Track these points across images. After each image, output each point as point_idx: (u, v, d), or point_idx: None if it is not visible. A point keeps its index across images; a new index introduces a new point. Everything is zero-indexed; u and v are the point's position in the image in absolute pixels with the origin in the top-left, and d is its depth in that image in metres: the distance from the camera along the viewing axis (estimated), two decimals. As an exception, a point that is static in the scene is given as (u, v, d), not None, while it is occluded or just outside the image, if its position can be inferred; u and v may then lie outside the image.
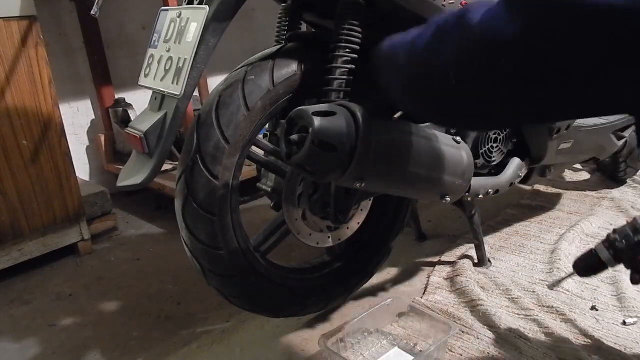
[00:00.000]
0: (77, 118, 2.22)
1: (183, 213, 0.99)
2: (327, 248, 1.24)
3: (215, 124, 0.96)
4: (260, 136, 1.08)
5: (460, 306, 1.26)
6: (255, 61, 1.02)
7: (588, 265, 1.01)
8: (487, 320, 1.18)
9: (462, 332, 1.16)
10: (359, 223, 1.22)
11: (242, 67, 1.02)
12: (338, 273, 1.27)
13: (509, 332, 1.13)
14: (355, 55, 1.01)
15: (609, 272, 1.35)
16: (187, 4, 0.99)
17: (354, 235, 1.23)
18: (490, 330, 1.15)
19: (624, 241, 0.96)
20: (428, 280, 1.39)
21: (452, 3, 1.06)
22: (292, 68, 1.02)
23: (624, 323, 1.15)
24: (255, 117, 1.00)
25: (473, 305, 1.24)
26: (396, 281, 1.43)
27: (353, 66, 1.01)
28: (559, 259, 1.41)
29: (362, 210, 1.21)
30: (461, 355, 1.09)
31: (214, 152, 0.97)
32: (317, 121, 0.83)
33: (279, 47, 1.05)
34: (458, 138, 1.10)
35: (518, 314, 1.21)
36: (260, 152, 1.13)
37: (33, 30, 1.53)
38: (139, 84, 1.05)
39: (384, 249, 1.33)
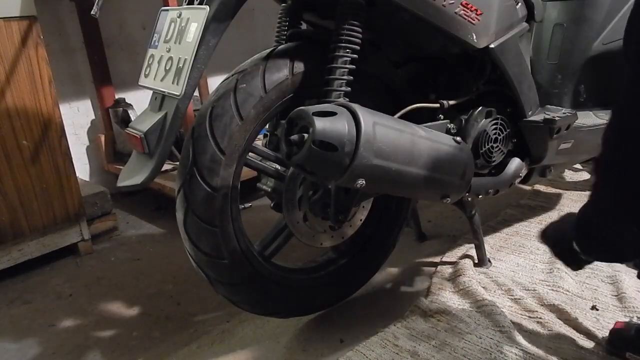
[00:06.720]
0: (77, 118, 2.22)
1: (185, 226, 1.00)
2: (332, 246, 1.25)
3: (210, 136, 0.96)
4: (257, 142, 1.07)
5: (465, 307, 1.26)
6: (245, 68, 1.02)
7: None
8: (490, 321, 1.18)
9: (465, 332, 1.16)
10: (361, 220, 1.22)
11: (233, 75, 1.02)
12: (345, 269, 1.28)
13: (511, 332, 1.13)
14: (355, 55, 1.01)
15: (609, 272, 1.35)
16: (187, 4, 0.99)
17: (358, 231, 1.24)
18: (493, 331, 1.15)
19: None
20: (430, 281, 1.39)
21: (452, 3, 1.06)
22: (283, 72, 1.02)
23: None
24: (250, 125, 1.00)
25: (478, 306, 1.24)
26: (396, 281, 1.42)
27: (353, 66, 1.01)
28: (559, 259, 1.41)
29: (363, 207, 1.21)
30: (464, 356, 1.09)
31: (210, 165, 0.97)
32: (317, 121, 0.83)
33: (269, 50, 1.05)
34: (458, 138, 1.10)
35: (521, 314, 1.21)
36: (258, 157, 1.13)
37: (33, 30, 1.53)
38: (139, 84, 1.05)
39: (389, 242, 1.34)
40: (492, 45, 1.18)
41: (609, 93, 1.49)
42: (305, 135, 0.85)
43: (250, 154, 1.06)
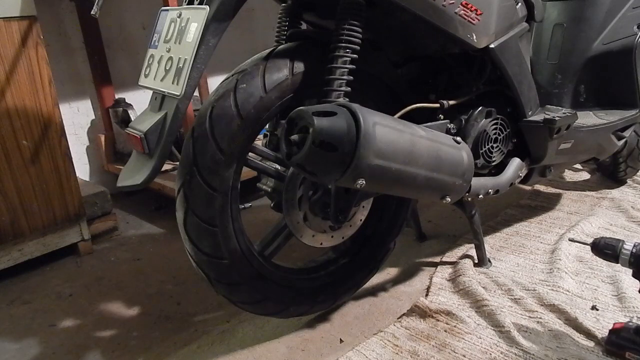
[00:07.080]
0: (77, 118, 2.22)
1: (185, 226, 1.00)
2: (332, 246, 1.25)
3: (210, 136, 0.97)
4: (257, 142, 1.08)
5: (465, 307, 1.26)
6: (245, 68, 1.02)
7: (604, 252, 1.03)
8: (490, 321, 1.18)
9: (465, 332, 1.16)
10: (361, 220, 1.22)
11: (233, 75, 1.02)
12: (344, 269, 1.28)
13: (511, 332, 1.13)
14: (355, 55, 1.01)
15: (609, 272, 1.35)
16: (187, 4, 0.99)
17: (358, 231, 1.24)
18: (493, 331, 1.15)
19: None
20: (430, 281, 1.39)
21: (452, 3, 1.06)
22: (283, 72, 1.02)
23: None
24: (250, 125, 1.00)
25: (478, 306, 1.24)
26: (396, 281, 1.42)
27: (353, 66, 1.01)
28: (559, 259, 1.41)
29: (363, 207, 1.21)
30: (464, 355, 1.09)
31: (210, 165, 0.97)
32: (317, 121, 0.83)
33: (269, 50, 1.05)
34: (458, 138, 1.10)
35: (521, 315, 1.21)
36: (258, 157, 1.13)
37: (33, 30, 1.53)
38: (139, 84, 1.05)
39: (389, 242, 1.34)
40: (492, 45, 1.18)
41: (609, 93, 1.49)
42: (306, 135, 0.85)
43: (250, 154, 1.06)
